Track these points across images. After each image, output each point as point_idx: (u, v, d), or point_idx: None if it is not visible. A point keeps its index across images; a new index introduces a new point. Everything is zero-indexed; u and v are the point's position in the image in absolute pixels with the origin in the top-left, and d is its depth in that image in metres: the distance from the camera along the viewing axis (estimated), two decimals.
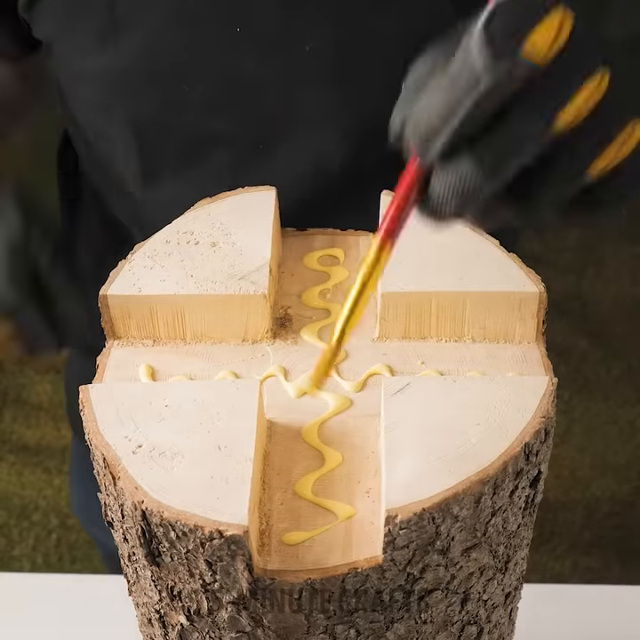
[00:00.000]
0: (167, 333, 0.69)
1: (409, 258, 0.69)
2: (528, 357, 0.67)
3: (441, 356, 0.68)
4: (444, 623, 0.62)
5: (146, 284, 0.69)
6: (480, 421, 0.60)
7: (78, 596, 1.08)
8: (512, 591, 0.68)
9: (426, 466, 0.57)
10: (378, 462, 0.62)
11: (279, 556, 0.58)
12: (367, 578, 0.57)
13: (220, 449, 0.59)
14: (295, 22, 0.77)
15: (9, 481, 2.15)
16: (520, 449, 0.58)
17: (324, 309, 0.72)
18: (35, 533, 2.05)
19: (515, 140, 0.46)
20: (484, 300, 0.67)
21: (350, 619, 0.58)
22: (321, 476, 0.61)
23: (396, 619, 0.59)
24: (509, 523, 0.61)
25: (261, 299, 0.68)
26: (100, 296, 0.68)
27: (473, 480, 0.56)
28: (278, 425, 0.64)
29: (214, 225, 0.73)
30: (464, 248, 0.69)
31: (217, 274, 0.69)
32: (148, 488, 0.57)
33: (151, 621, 0.65)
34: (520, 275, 0.68)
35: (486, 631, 0.66)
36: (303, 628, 0.59)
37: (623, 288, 2.52)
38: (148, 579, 0.61)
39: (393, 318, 0.68)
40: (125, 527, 0.60)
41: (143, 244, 0.72)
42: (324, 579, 0.56)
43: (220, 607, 0.58)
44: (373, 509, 0.60)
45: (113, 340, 0.70)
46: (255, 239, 0.71)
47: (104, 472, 0.59)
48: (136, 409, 0.61)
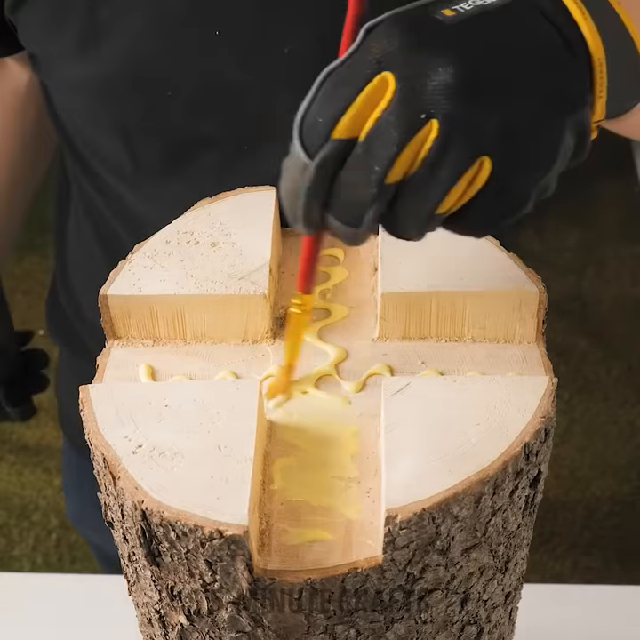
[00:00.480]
0: (167, 333, 0.69)
1: (409, 258, 0.69)
2: (528, 357, 0.67)
3: (441, 356, 0.68)
4: (443, 623, 0.62)
5: (146, 283, 0.68)
6: (480, 421, 0.60)
7: (78, 596, 1.08)
8: (512, 591, 0.68)
9: (426, 466, 0.57)
10: (378, 462, 0.62)
11: (279, 556, 0.58)
12: (367, 578, 0.57)
13: (220, 449, 0.59)
14: (273, 25, 0.77)
15: (9, 481, 2.15)
16: (520, 449, 0.58)
17: (324, 309, 0.72)
18: (35, 533, 2.05)
19: (355, 195, 0.53)
20: (483, 300, 0.67)
21: (350, 619, 0.58)
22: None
23: (396, 619, 0.59)
24: (509, 523, 0.61)
25: (261, 299, 0.68)
26: (100, 296, 0.68)
27: (473, 480, 0.56)
28: (278, 425, 0.64)
29: (214, 225, 0.73)
30: (464, 248, 0.69)
31: (217, 274, 0.69)
32: (147, 488, 0.57)
33: (151, 621, 0.65)
34: (520, 275, 0.68)
35: (486, 631, 0.66)
36: (303, 627, 0.59)
37: (623, 288, 2.53)
38: (148, 579, 0.61)
39: (393, 318, 0.68)
40: (125, 527, 0.60)
41: (143, 243, 0.72)
42: (324, 579, 0.56)
43: (220, 607, 0.58)
44: (373, 509, 0.60)
45: (113, 340, 0.70)
46: (255, 239, 0.71)
47: (104, 472, 0.59)
48: (136, 409, 0.61)
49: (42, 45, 0.83)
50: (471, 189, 0.53)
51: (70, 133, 0.89)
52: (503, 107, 0.52)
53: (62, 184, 1.00)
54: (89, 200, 0.94)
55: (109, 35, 0.79)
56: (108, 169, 0.89)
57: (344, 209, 0.54)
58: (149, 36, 0.79)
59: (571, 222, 2.68)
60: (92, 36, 0.79)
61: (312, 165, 0.53)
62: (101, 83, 0.81)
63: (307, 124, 0.54)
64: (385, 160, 0.52)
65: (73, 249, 1.02)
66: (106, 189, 0.91)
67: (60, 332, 1.09)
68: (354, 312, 0.72)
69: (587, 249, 2.62)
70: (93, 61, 0.80)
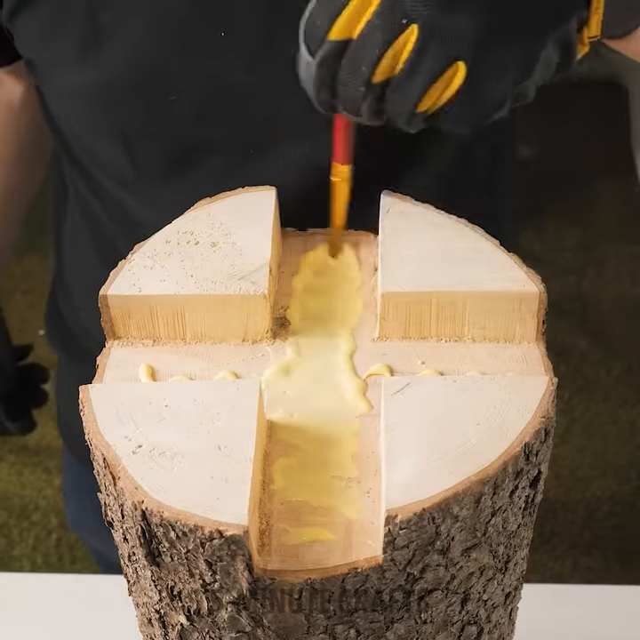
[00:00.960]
0: (167, 333, 0.69)
1: (409, 258, 0.69)
2: (528, 357, 0.67)
3: (441, 356, 0.68)
4: (444, 623, 0.62)
5: (146, 283, 0.68)
6: (480, 421, 0.60)
7: (78, 596, 1.08)
8: (512, 591, 0.68)
9: (426, 466, 0.57)
10: (378, 462, 0.62)
11: (279, 556, 0.58)
12: (367, 578, 0.57)
13: (220, 449, 0.59)
14: (280, 27, 0.77)
15: (9, 481, 2.15)
16: (520, 449, 0.58)
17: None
18: (35, 533, 2.05)
19: (348, 93, 0.61)
20: (483, 299, 0.67)
21: (350, 619, 0.58)
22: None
23: (396, 619, 0.59)
24: (509, 523, 0.61)
25: (261, 299, 0.68)
26: (100, 296, 0.68)
27: (473, 480, 0.56)
28: (278, 425, 0.64)
29: (214, 225, 0.73)
30: (464, 248, 0.69)
31: (217, 274, 0.69)
32: (147, 488, 0.57)
33: (151, 621, 0.65)
34: (520, 275, 0.68)
35: (486, 631, 0.66)
36: (303, 627, 0.59)
37: (623, 288, 2.52)
38: (148, 579, 0.61)
39: (393, 318, 0.68)
40: (125, 527, 0.60)
41: (143, 243, 0.72)
42: (324, 579, 0.56)
43: (220, 607, 0.58)
44: (373, 509, 0.60)
45: (113, 340, 0.70)
46: (255, 239, 0.71)
47: (104, 472, 0.59)
48: (136, 409, 0.61)
49: (40, 51, 0.83)
50: (448, 91, 0.59)
51: (68, 139, 0.89)
52: (480, 14, 0.57)
53: (59, 187, 1.00)
54: (85, 203, 0.94)
55: (110, 40, 0.78)
56: (108, 174, 0.88)
57: (344, 103, 0.62)
58: (152, 39, 0.78)
59: (570, 222, 2.68)
60: (93, 42, 0.79)
61: (313, 64, 0.61)
62: (102, 88, 0.80)
63: (308, 25, 0.61)
64: (370, 60, 0.59)
65: (69, 251, 1.02)
66: (103, 193, 0.90)
67: (59, 337, 1.09)
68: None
69: (587, 249, 2.62)
70: (94, 67, 0.80)
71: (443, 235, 0.70)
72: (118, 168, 0.86)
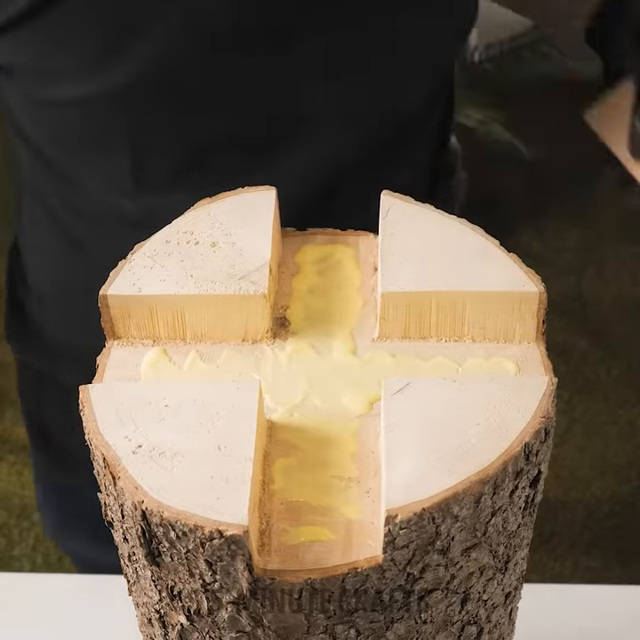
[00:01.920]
0: (167, 333, 0.69)
1: (409, 258, 0.69)
2: (528, 357, 0.67)
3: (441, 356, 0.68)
4: (444, 623, 0.62)
5: (146, 283, 0.68)
6: (480, 421, 0.60)
7: (78, 596, 1.08)
8: (512, 591, 0.68)
9: (426, 466, 0.57)
10: (378, 462, 0.62)
11: (279, 556, 0.58)
12: (367, 578, 0.57)
13: (220, 449, 0.59)
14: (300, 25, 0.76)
15: (9, 481, 2.15)
16: (520, 449, 0.58)
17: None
18: (35, 533, 2.05)
19: None
20: (484, 299, 0.67)
21: (350, 619, 0.58)
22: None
23: (395, 619, 0.59)
24: (509, 523, 0.61)
25: (261, 299, 0.68)
26: (99, 296, 0.68)
27: (473, 480, 0.56)
28: (278, 425, 0.64)
29: (214, 225, 0.73)
30: (464, 248, 0.69)
31: (217, 274, 0.69)
32: (147, 488, 0.57)
33: (151, 621, 0.65)
34: (520, 275, 0.68)
35: (486, 631, 0.66)
36: (303, 627, 0.59)
37: (623, 288, 2.53)
38: (148, 579, 0.61)
39: (393, 318, 0.68)
40: (125, 527, 0.60)
41: (143, 243, 0.72)
42: (324, 579, 0.56)
43: (220, 607, 0.58)
44: (373, 509, 0.60)
45: (113, 340, 0.70)
46: (255, 239, 0.71)
47: (104, 472, 0.59)
48: (136, 409, 0.61)
49: (43, 60, 0.81)
50: None
51: (43, 149, 0.87)
52: None
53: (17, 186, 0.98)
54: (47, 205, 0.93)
55: (137, 37, 0.78)
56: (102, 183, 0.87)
57: None
58: (181, 42, 0.77)
59: (571, 222, 2.68)
60: (103, 53, 0.78)
61: None
62: (118, 95, 0.80)
63: None
64: None
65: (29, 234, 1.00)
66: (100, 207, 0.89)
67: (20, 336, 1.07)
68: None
69: (587, 249, 2.62)
70: (111, 75, 0.79)
71: (443, 235, 0.70)
72: (118, 177, 0.85)
